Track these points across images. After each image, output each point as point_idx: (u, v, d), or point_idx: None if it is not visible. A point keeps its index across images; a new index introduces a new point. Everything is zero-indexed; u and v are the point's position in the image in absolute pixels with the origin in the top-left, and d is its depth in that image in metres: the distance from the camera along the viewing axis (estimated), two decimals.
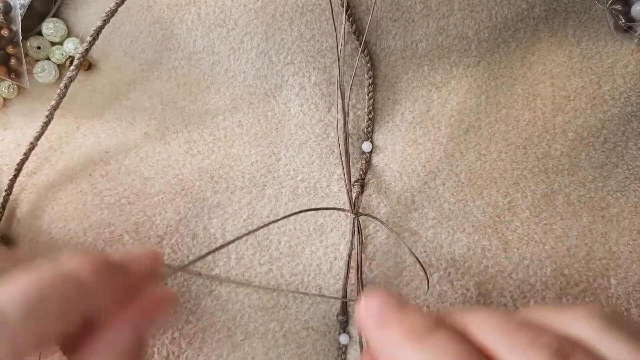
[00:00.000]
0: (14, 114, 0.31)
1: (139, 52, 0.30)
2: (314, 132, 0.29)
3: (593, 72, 0.30)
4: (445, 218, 0.27)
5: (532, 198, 0.28)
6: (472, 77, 0.29)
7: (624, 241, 0.28)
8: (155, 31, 0.30)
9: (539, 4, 0.29)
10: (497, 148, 0.28)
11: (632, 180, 0.29)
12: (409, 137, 0.29)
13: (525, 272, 0.27)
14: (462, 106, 0.29)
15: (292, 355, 0.26)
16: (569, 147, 0.29)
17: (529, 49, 0.30)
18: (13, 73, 0.30)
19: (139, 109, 0.30)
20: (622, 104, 0.29)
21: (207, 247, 0.28)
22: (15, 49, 0.30)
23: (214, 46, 0.29)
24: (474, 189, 0.28)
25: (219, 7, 0.28)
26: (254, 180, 0.28)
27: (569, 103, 0.29)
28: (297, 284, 0.27)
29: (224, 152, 0.29)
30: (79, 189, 0.29)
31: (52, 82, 0.31)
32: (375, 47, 0.28)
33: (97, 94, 0.30)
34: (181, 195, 0.28)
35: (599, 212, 0.28)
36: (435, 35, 0.28)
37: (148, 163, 0.29)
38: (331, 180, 0.28)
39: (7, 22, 0.29)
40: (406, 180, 0.28)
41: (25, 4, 0.30)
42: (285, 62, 0.28)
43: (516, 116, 0.29)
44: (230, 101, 0.29)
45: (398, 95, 0.29)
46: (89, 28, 0.30)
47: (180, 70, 0.30)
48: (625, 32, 0.30)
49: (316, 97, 0.29)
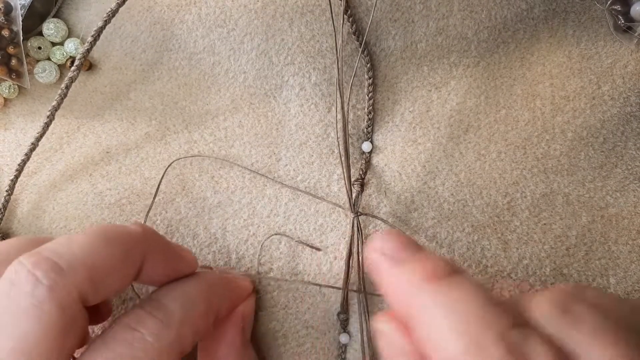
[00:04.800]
0: (14, 114, 0.31)
1: (140, 53, 0.30)
2: (314, 132, 0.29)
3: (592, 73, 0.30)
4: (445, 218, 0.27)
5: (532, 198, 0.28)
6: (471, 77, 0.29)
7: (623, 241, 0.28)
8: (156, 31, 0.30)
9: (539, 4, 0.29)
10: (497, 148, 0.28)
11: (631, 180, 0.29)
12: (408, 137, 0.29)
13: (524, 271, 0.27)
14: (461, 106, 0.29)
15: (292, 355, 0.26)
16: (568, 147, 0.29)
17: (528, 50, 0.30)
18: (14, 73, 0.30)
19: (139, 109, 0.30)
20: (622, 104, 0.29)
21: (207, 247, 0.28)
22: (16, 49, 0.30)
23: (215, 47, 0.29)
24: (473, 189, 0.28)
25: (219, 8, 0.28)
26: (254, 180, 0.28)
27: (568, 103, 0.29)
28: (297, 283, 0.27)
29: (225, 152, 0.29)
30: (80, 189, 0.29)
31: (53, 82, 0.31)
32: (375, 47, 0.28)
33: (98, 94, 0.31)
34: (181, 195, 0.28)
35: (598, 212, 0.28)
36: (435, 36, 0.28)
37: (149, 163, 0.29)
38: (331, 180, 0.28)
39: (8, 23, 0.29)
40: (406, 180, 0.28)
41: (26, 4, 0.30)
42: (286, 63, 0.29)
43: (515, 116, 0.29)
44: (231, 101, 0.29)
45: (398, 95, 0.29)
46: (89, 28, 0.30)
47: (181, 71, 0.30)
48: (624, 32, 0.30)
49: (316, 97, 0.29)
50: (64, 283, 0.18)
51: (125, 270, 0.20)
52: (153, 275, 0.22)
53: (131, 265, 0.21)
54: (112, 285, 0.20)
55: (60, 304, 0.18)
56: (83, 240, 0.20)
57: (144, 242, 0.21)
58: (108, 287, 0.20)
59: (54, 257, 0.19)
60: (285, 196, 0.28)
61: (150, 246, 0.21)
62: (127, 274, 0.21)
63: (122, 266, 0.20)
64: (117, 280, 0.20)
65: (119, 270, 0.20)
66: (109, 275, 0.20)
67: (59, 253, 0.19)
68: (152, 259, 0.21)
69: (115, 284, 0.20)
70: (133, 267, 0.21)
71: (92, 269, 0.19)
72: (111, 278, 0.20)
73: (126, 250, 0.20)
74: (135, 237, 0.21)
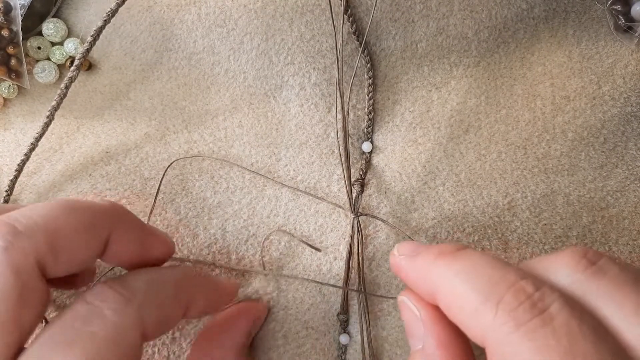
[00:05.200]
0: (14, 114, 0.31)
1: (140, 53, 0.30)
2: (314, 133, 0.29)
3: (593, 73, 0.30)
4: (445, 218, 0.27)
5: (532, 198, 0.28)
6: (472, 77, 0.29)
7: (624, 241, 0.28)
8: (156, 31, 0.30)
9: (539, 4, 0.29)
10: (497, 148, 0.28)
11: (631, 181, 0.29)
12: (408, 138, 0.29)
13: None
14: (462, 106, 0.29)
15: (292, 355, 0.26)
16: (568, 148, 0.29)
17: (528, 49, 0.30)
18: (13, 73, 0.30)
19: (139, 110, 0.30)
20: (622, 104, 0.29)
21: (207, 247, 0.28)
22: (15, 49, 0.30)
23: (214, 46, 0.29)
24: (473, 189, 0.28)
25: (219, 8, 0.28)
26: (254, 180, 0.28)
27: (568, 103, 0.29)
28: (297, 284, 0.27)
29: (224, 153, 0.29)
30: (80, 189, 0.29)
31: (53, 82, 0.31)
32: (375, 47, 0.28)
33: (98, 94, 0.30)
34: (181, 195, 0.28)
35: (599, 212, 0.28)
36: (435, 36, 0.28)
37: (148, 163, 0.29)
38: (331, 181, 0.28)
39: (8, 23, 0.29)
40: (406, 180, 0.28)
41: (26, 4, 0.30)
42: (286, 63, 0.29)
43: (516, 116, 0.29)
44: (231, 101, 0.29)
45: (398, 95, 0.29)
46: (89, 28, 0.30)
47: (181, 71, 0.30)
48: (625, 32, 0.30)
49: (316, 97, 0.29)
50: (20, 245, 0.17)
51: (88, 240, 0.19)
52: (122, 253, 0.21)
53: (95, 236, 0.20)
54: (74, 256, 0.19)
55: (16, 267, 0.17)
56: (45, 207, 0.19)
57: (111, 215, 0.20)
58: (69, 257, 0.19)
59: (12, 221, 0.18)
60: (285, 196, 0.28)
61: (119, 220, 0.21)
62: (90, 246, 0.19)
63: (85, 236, 0.19)
64: (79, 251, 0.19)
65: (81, 240, 0.19)
66: (70, 243, 0.19)
67: (17, 218, 0.18)
68: (120, 234, 0.20)
69: (78, 255, 0.19)
70: (97, 238, 0.20)
71: (51, 234, 0.18)
72: (72, 247, 0.19)
73: (90, 219, 0.19)
74: (101, 209, 0.20)
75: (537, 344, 0.15)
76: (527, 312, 0.16)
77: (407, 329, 0.21)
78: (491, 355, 0.17)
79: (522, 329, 0.16)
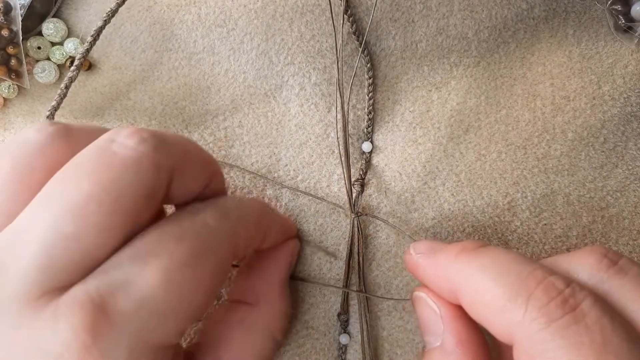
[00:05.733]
0: (14, 114, 0.31)
1: (140, 53, 0.30)
2: (314, 133, 0.29)
3: (593, 73, 0.30)
4: (445, 218, 0.27)
5: (532, 198, 0.28)
6: (472, 77, 0.29)
7: (624, 241, 0.28)
8: (156, 31, 0.30)
9: (539, 4, 0.29)
10: (497, 148, 0.28)
11: (631, 181, 0.29)
12: (409, 137, 0.29)
13: None
14: (462, 106, 0.29)
15: (292, 355, 0.26)
16: (568, 148, 0.29)
17: (528, 50, 0.30)
18: (13, 73, 0.30)
19: (139, 109, 0.30)
20: (622, 104, 0.29)
21: None
22: (15, 49, 0.30)
23: (214, 46, 0.29)
24: (473, 189, 0.28)
25: (219, 8, 0.28)
26: (254, 180, 0.28)
27: (568, 103, 0.29)
28: (297, 284, 0.27)
29: (224, 153, 0.29)
30: None
31: (53, 82, 0.31)
32: (375, 47, 0.28)
33: (98, 94, 0.30)
34: None
35: (599, 212, 0.28)
36: (435, 36, 0.28)
37: None
38: (331, 181, 0.28)
39: (7, 23, 0.29)
40: (406, 180, 0.28)
41: (26, 4, 0.30)
42: (286, 63, 0.29)
43: (516, 116, 0.29)
44: (231, 101, 0.29)
45: (398, 95, 0.29)
46: (89, 28, 0.30)
47: (181, 71, 0.30)
48: (625, 32, 0.30)
49: (316, 97, 0.29)
50: (165, 150, 0.18)
51: (204, 174, 0.20)
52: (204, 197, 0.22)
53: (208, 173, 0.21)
54: (191, 183, 0.20)
55: (158, 166, 0.18)
56: (176, 135, 0.20)
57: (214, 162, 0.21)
58: (187, 183, 0.19)
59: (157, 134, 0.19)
60: (285, 196, 0.28)
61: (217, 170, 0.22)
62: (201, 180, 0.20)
63: (202, 168, 0.20)
64: (194, 182, 0.20)
65: (199, 172, 0.20)
66: (194, 170, 0.19)
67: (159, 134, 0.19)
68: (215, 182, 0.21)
69: (193, 184, 0.20)
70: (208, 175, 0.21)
71: (186, 153, 0.19)
72: (193, 174, 0.19)
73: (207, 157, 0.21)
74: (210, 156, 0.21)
75: (570, 341, 0.15)
76: (558, 309, 0.16)
77: (423, 325, 0.20)
78: (519, 352, 0.16)
79: (553, 325, 0.15)
